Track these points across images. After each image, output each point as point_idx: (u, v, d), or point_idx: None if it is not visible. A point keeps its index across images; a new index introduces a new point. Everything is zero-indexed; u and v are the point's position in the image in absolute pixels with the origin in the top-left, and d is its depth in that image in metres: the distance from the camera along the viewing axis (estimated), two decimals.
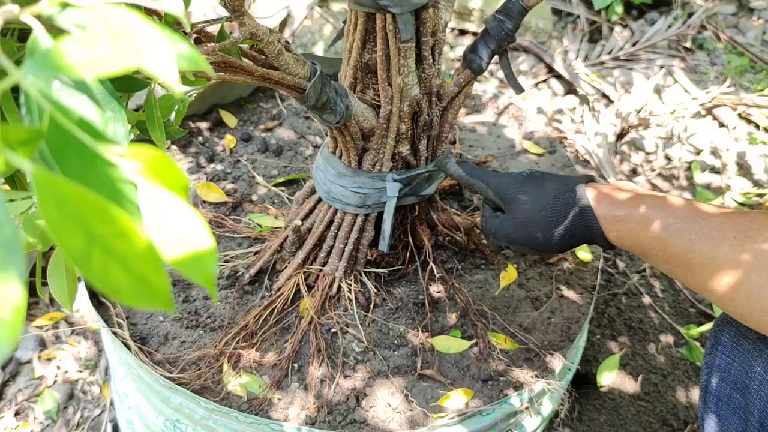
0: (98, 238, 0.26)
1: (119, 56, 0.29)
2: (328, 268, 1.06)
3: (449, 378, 0.99)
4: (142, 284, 0.27)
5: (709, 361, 0.81)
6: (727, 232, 0.72)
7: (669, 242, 0.76)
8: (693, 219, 0.76)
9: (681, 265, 0.75)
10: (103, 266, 0.27)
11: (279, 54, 0.79)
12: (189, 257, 0.28)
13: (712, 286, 0.72)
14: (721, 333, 0.80)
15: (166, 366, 0.95)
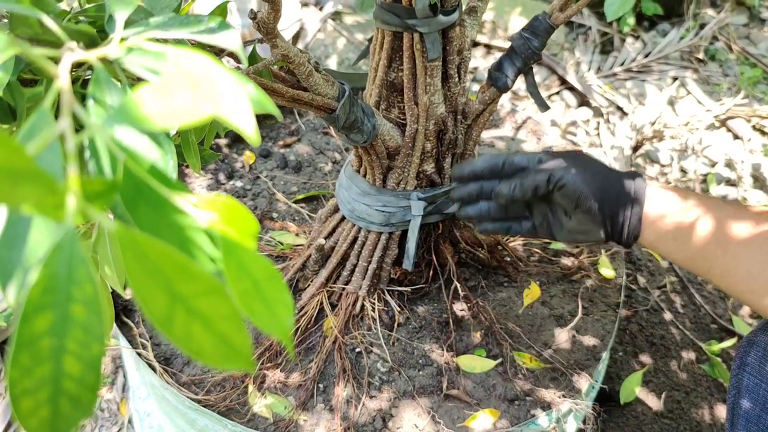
0: (181, 297, 0.26)
1: (197, 105, 0.28)
2: (351, 286, 1.05)
3: (475, 398, 0.98)
4: (225, 345, 0.26)
5: (736, 382, 0.80)
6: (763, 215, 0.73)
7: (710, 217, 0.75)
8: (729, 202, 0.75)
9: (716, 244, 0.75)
10: (186, 327, 0.26)
11: (309, 75, 0.79)
12: (266, 312, 0.28)
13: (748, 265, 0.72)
14: (747, 354, 0.79)
15: (191, 387, 0.94)
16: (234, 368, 0.27)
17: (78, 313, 0.25)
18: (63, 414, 0.27)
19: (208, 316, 0.26)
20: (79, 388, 0.26)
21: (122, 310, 1.05)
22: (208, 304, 0.26)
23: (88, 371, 0.26)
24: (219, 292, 0.26)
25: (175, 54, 0.30)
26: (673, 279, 1.53)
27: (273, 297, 0.28)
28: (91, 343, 0.26)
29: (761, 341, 0.78)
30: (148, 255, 0.25)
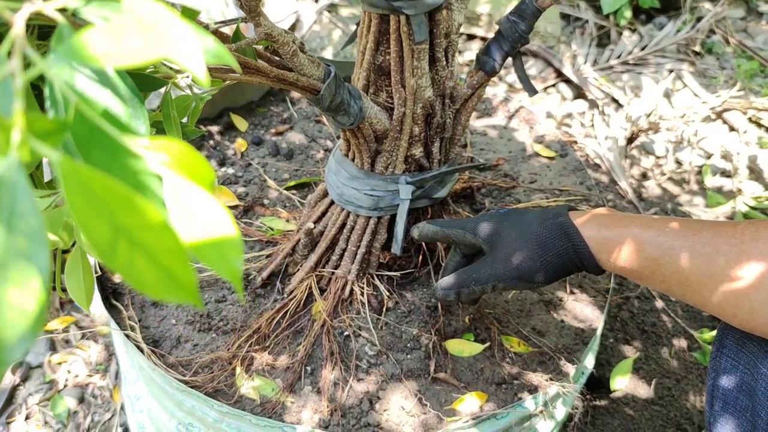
0: (124, 229, 0.26)
1: (147, 47, 0.28)
2: (340, 271, 1.05)
3: (463, 381, 0.98)
4: (169, 277, 0.26)
5: (714, 364, 0.80)
6: (720, 247, 0.71)
7: (662, 261, 0.74)
8: (684, 236, 0.74)
9: (678, 284, 0.74)
10: (128, 258, 0.26)
11: (294, 55, 0.79)
12: (215, 251, 0.28)
13: (713, 302, 0.71)
14: (725, 336, 0.79)
15: (179, 369, 0.95)
16: (178, 300, 0.27)
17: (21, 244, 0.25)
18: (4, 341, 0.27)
19: (151, 248, 0.26)
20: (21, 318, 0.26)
21: (111, 293, 1.05)
22: (152, 237, 0.26)
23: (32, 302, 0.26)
24: (163, 226, 0.26)
25: (130, 1, 0.30)
26: None
27: (223, 240, 0.28)
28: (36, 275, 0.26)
29: None
30: (90, 186, 0.26)
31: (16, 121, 0.24)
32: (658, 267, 0.75)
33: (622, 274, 0.80)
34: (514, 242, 0.84)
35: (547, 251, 0.82)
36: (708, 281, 0.71)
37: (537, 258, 0.82)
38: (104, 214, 0.26)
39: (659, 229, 0.76)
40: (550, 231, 0.83)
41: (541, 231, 0.83)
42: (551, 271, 0.83)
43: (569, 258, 0.81)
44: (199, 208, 0.28)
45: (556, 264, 0.82)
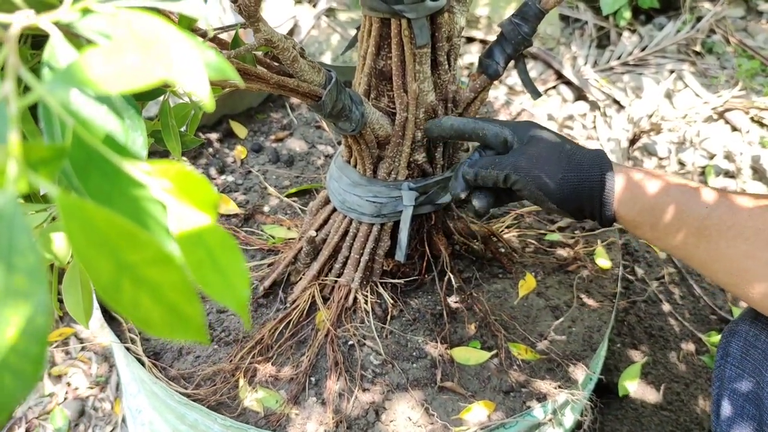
0: (128, 266, 0.24)
1: (147, 68, 0.27)
2: (343, 279, 1.04)
3: (470, 390, 0.96)
4: (175, 315, 0.25)
5: (719, 373, 0.78)
6: (744, 203, 0.71)
7: (685, 207, 0.73)
8: (708, 191, 0.74)
9: (694, 234, 0.73)
10: (133, 297, 0.25)
11: (294, 61, 0.78)
12: (222, 281, 0.26)
13: (727, 255, 0.70)
14: (729, 344, 0.78)
15: (180, 382, 0.93)
16: (184, 338, 0.25)
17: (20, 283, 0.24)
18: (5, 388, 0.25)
19: (156, 285, 0.25)
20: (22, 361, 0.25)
21: None
22: (157, 272, 0.25)
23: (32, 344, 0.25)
24: (168, 260, 0.25)
25: (126, 16, 0.28)
26: (672, 270, 1.51)
27: (228, 267, 0.27)
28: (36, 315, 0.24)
29: (742, 330, 0.76)
30: (92, 222, 0.24)
31: (12, 151, 0.23)
32: (680, 212, 0.73)
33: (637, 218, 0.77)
34: (547, 148, 0.81)
35: (572, 168, 0.79)
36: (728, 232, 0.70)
37: (560, 170, 0.79)
38: (107, 251, 0.24)
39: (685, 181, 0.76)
40: (584, 154, 0.80)
41: (575, 151, 0.81)
42: (565, 190, 0.79)
43: (589, 185, 0.78)
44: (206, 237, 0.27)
45: (573, 184, 0.79)
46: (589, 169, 0.78)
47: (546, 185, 0.79)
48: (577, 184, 0.79)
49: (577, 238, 1.21)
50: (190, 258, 0.26)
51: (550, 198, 0.79)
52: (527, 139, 0.83)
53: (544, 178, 0.79)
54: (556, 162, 0.80)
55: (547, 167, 0.79)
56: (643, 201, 0.77)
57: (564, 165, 0.79)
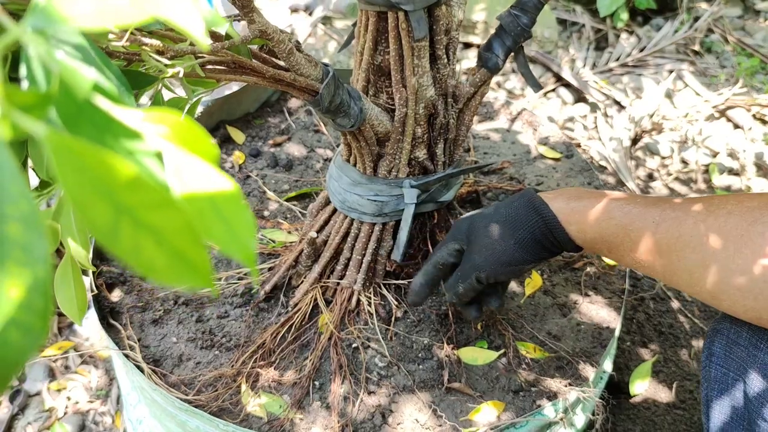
0: (126, 209, 0.22)
1: (136, 6, 0.25)
2: (346, 281, 1.02)
3: (478, 390, 0.94)
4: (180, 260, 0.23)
5: (705, 374, 0.76)
6: (689, 210, 0.70)
7: (632, 227, 0.73)
8: (653, 203, 0.74)
9: (647, 252, 0.72)
10: (133, 241, 0.23)
11: (290, 53, 0.76)
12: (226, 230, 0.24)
13: (681, 267, 0.69)
14: (713, 344, 0.75)
15: (181, 388, 0.91)
16: (191, 285, 0.23)
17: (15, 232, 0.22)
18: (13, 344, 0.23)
19: (158, 229, 0.23)
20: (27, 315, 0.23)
21: (109, 313, 1.01)
22: (159, 217, 0.23)
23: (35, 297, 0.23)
24: (170, 204, 0.23)
25: None
26: None
27: (233, 216, 0.25)
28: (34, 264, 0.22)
29: (724, 329, 0.74)
30: (85, 162, 0.22)
31: None
32: (627, 234, 0.73)
33: (593, 247, 0.79)
34: (485, 231, 0.84)
35: (517, 229, 0.81)
36: (677, 243, 0.69)
37: (509, 238, 0.81)
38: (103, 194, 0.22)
39: (629, 198, 0.76)
40: (517, 209, 0.82)
41: (509, 211, 0.83)
42: (527, 249, 0.81)
43: (541, 233, 0.80)
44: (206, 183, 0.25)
45: (529, 240, 0.81)
46: (529, 218, 0.81)
47: (510, 258, 0.82)
48: (529, 236, 0.81)
49: None
50: (192, 207, 0.24)
51: (522, 264, 0.82)
52: (466, 237, 0.87)
53: (504, 255, 0.82)
54: (500, 236, 0.82)
55: (498, 245, 0.82)
56: (591, 230, 0.77)
57: (509, 230, 0.82)
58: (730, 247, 0.65)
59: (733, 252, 0.65)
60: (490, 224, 0.83)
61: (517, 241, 0.81)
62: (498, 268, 0.83)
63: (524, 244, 0.81)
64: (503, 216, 0.83)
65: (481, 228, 0.84)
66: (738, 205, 0.68)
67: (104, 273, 1.07)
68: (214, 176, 0.24)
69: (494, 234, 0.83)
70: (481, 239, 0.84)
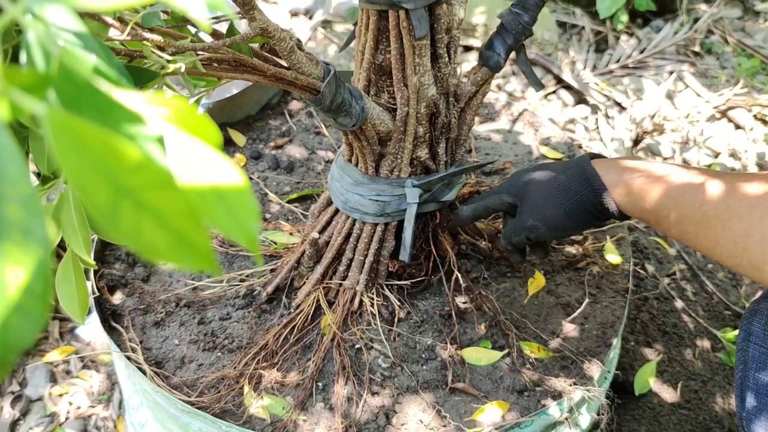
0: (127, 190, 0.22)
1: None
2: (348, 282, 1.01)
3: (482, 391, 0.93)
4: (182, 242, 0.22)
5: (742, 355, 0.75)
6: (736, 184, 0.72)
7: (681, 199, 0.75)
8: (702, 174, 0.76)
9: (694, 222, 0.74)
10: (134, 223, 0.22)
11: (291, 52, 0.76)
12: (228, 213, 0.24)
13: (726, 237, 0.71)
14: (751, 323, 0.75)
15: (183, 390, 0.90)
16: (192, 267, 0.23)
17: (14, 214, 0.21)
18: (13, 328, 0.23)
19: (159, 211, 0.22)
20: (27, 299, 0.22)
21: (111, 315, 1.01)
22: (160, 198, 0.22)
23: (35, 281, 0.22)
24: (171, 186, 0.22)
25: None
26: (683, 266, 1.48)
27: (236, 200, 0.25)
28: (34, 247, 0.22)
29: (764, 308, 0.74)
30: (85, 141, 0.22)
31: None
32: (676, 204, 0.76)
33: (641, 217, 0.82)
34: (539, 192, 0.88)
35: (569, 198, 0.85)
36: (725, 214, 0.71)
37: (560, 205, 0.86)
38: (103, 174, 0.22)
39: (680, 170, 0.79)
40: (571, 178, 0.86)
41: (563, 178, 0.87)
42: (576, 219, 0.86)
43: (591, 203, 0.84)
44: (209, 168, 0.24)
45: (578, 210, 0.85)
46: (580, 189, 0.85)
47: (559, 225, 0.87)
48: (578, 206, 0.85)
49: (585, 235, 1.18)
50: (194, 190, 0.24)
51: (570, 230, 0.89)
52: (522, 193, 0.91)
53: (553, 222, 0.87)
54: (552, 200, 0.87)
55: (548, 212, 0.87)
56: (642, 202, 0.80)
57: (559, 198, 0.86)
58: None
59: None
60: (545, 188, 0.88)
61: (566, 209, 0.85)
62: (547, 232, 0.88)
63: (573, 213, 0.85)
64: (557, 182, 0.87)
65: (536, 190, 0.89)
66: None
67: (106, 275, 1.06)
68: (217, 160, 0.24)
69: (547, 200, 0.87)
70: (534, 201, 0.88)
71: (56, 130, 0.21)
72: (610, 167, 0.84)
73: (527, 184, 0.91)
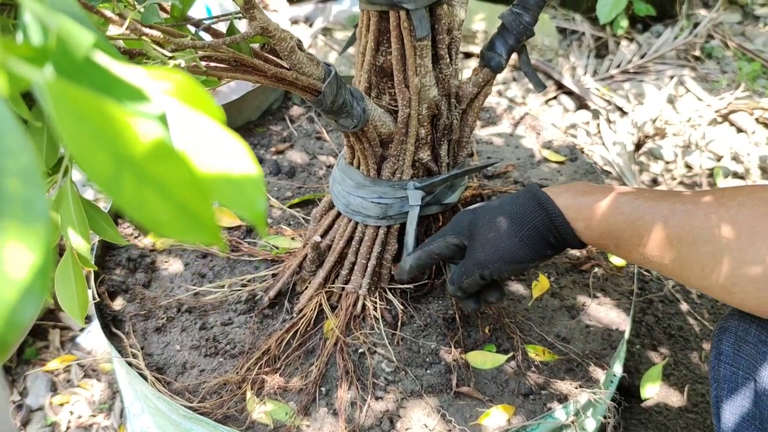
0: (129, 161, 0.21)
1: None
2: (351, 286, 1.00)
3: (487, 395, 0.92)
4: (186, 214, 0.22)
5: (714, 374, 0.74)
6: (699, 203, 0.68)
7: (641, 222, 0.71)
8: (662, 196, 0.72)
9: (656, 246, 0.70)
10: (136, 193, 0.21)
11: (291, 52, 0.75)
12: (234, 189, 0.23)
13: (692, 260, 0.67)
14: (721, 342, 0.73)
15: (185, 395, 0.89)
16: (198, 240, 0.22)
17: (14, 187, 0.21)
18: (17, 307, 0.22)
19: (162, 182, 0.22)
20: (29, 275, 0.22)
21: (111, 321, 1.00)
22: (162, 169, 0.22)
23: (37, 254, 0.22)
24: (174, 156, 0.22)
25: None
26: None
27: (241, 176, 0.24)
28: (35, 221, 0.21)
29: (732, 326, 0.72)
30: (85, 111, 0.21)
31: None
32: (636, 229, 0.72)
33: (600, 243, 0.78)
34: (489, 227, 0.82)
35: (522, 226, 0.79)
36: (688, 236, 0.68)
37: (514, 235, 0.79)
38: (104, 144, 0.21)
39: (637, 192, 0.75)
40: (522, 205, 0.80)
41: (513, 207, 0.81)
42: (532, 247, 0.79)
43: (546, 229, 0.78)
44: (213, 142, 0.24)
45: (534, 237, 0.79)
46: (534, 215, 0.79)
47: (515, 256, 0.80)
48: (534, 233, 0.79)
49: None
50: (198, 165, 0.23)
51: (527, 261, 0.80)
52: (468, 231, 0.85)
53: (509, 253, 0.80)
54: (505, 231, 0.80)
55: (502, 242, 0.80)
56: (599, 226, 0.75)
57: (513, 228, 0.80)
58: (743, 238, 0.64)
59: (746, 243, 0.64)
60: (494, 220, 0.81)
61: (521, 238, 0.79)
62: (502, 266, 0.81)
63: (529, 241, 0.79)
64: (507, 212, 0.81)
65: (485, 223, 0.82)
66: (749, 197, 0.66)
67: (106, 281, 1.05)
68: (222, 134, 0.23)
69: (498, 230, 0.81)
70: (484, 235, 0.82)
71: (56, 99, 0.20)
72: (563, 191, 0.79)
73: (474, 220, 0.84)
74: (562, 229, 0.78)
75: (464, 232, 0.85)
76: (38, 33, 0.23)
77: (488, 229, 0.82)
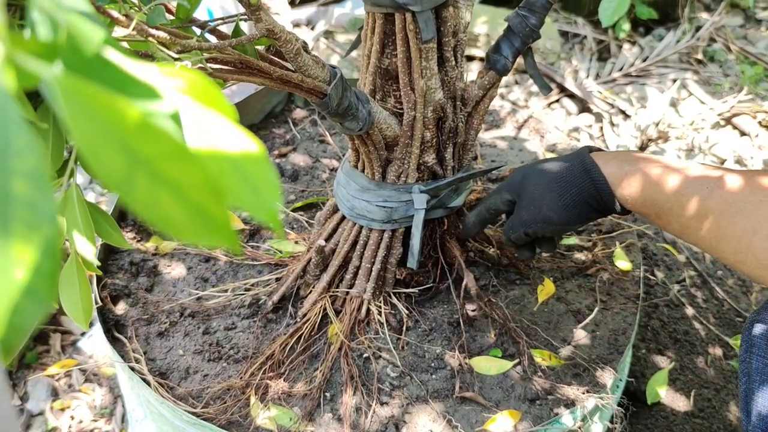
0: (142, 160, 0.21)
1: None
2: (355, 290, 0.99)
3: (493, 400, 0.91)
4: (200, 215, 0.21)
5: (744, 367, 0.73)
6: (743, 180, 0.70)
7: (684, 191, 0.73)
8: (707, 170, 0.74)
9: (697, 217, 0.72)
10: (149, 194, 0.21)
11: (297, 54, 0.75)
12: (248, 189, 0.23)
13: (730, 233, 0.69)
14: (753, 335, 0.72)
15: (188, 401, 0.88)
16: (212, 242, 0.21)
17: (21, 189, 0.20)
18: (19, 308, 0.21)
19: (176, 182, 0.21)
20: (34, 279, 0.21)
21: (114, 326, 0.99)
22: (176, 169, 0.21)
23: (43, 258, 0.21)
24: (188, 156, 0.21)
25: None
26: (693, 273, 1.46)
27: (254, 174, 0.23)
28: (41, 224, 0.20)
29: (765, 319, 0.72)
30: (98, 109, 0.20)
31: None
32: (679, 199, 0.74)
33: (642, 211, 0.80)
34: (537, 186, 0.86)
35: (567, 190, 0.83)
36: (729, 209, 0.69)
37: (558, 198, 0.83)
38: (117, 143, 0.20)
39: (682, 164, 0.77)
40: (569, 170, 0.84)
41: (562, 171, 0.84)
42: (575, 211, 0.83)
43: (590, 195, 0.82)
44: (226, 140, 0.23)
45: (578, 202, 0.83)
46: (580, 180, 0.82)
47: (557, 219, 0.84)
48: (577, 198, 0.83)
49: (594, 241, 1.17)
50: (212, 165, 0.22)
51: (569, 224, 0.85)
52: (520, 188, 0.89)
53: (551, 216, 0.84)
54: (550, 194, 0.84)
55: (546, 205, 0.84)
56: (643, 195, 0.78)
57: (557, 191, 0.84)
58: None
59: None
60: (542, 181, 0.85)
61: (565, 203, 0.83)
62: (544, 226, 0.85)
63: (572, 206, 0.83)
64: (555, 174, 0.84)
65: (533, 184, 0.86)
66: None
67: (109, 285, 1.05)
68: (236, 133, 0.22)
69: (544, 192, 0.84)
70: (531, 195, 0.85)
71: (67, 96, 0.20)
72: (610, 159, 0.82)
73: (525, 179, 0.88)
74: (606, 196, 0.81)
75: (516, 188, 0.89)
76: (47, 29, 0.22)
77: (536, 190, 0.85)
